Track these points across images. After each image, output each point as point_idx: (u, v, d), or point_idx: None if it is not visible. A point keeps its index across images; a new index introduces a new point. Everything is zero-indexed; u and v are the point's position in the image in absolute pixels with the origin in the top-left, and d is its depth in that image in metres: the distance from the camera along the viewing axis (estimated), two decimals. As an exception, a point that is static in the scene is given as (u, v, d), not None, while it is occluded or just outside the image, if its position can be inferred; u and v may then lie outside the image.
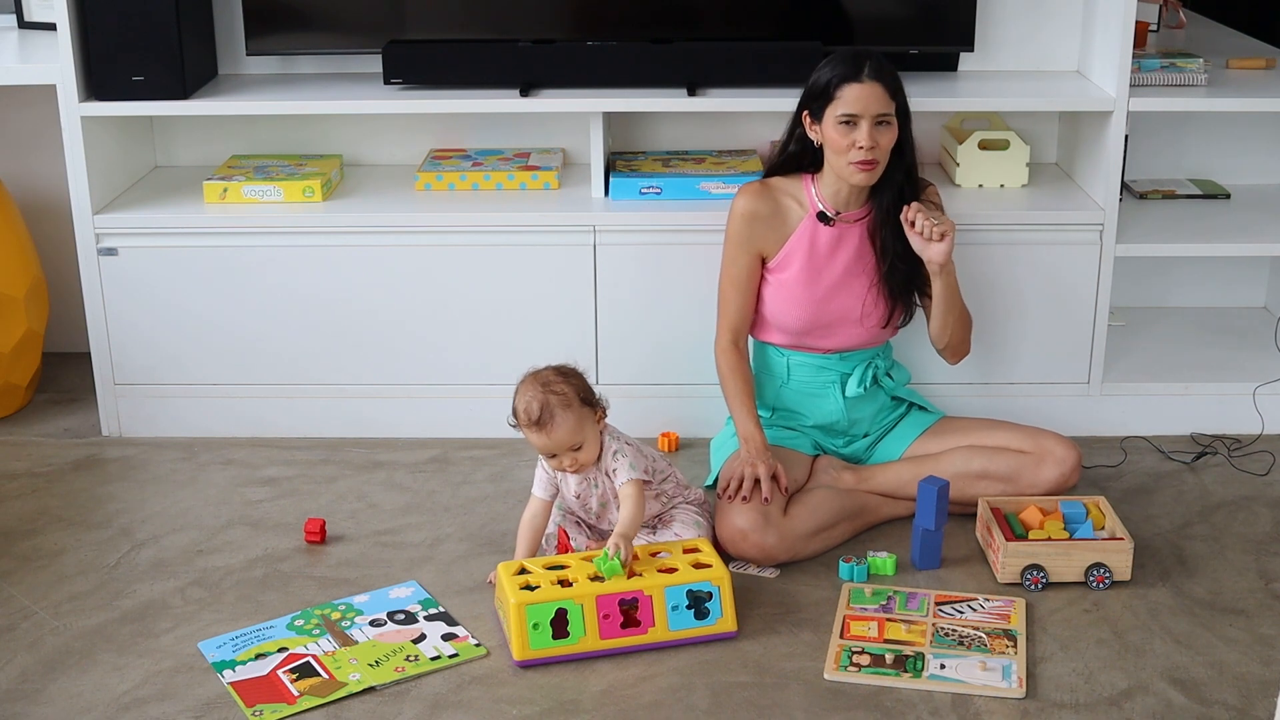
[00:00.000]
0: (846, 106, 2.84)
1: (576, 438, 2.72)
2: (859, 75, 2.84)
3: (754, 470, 2.84)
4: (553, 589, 2.55)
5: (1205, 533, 2.99)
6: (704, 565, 2.63)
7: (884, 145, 2.86)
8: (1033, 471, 2.95)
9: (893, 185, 2.94)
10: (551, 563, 2.64)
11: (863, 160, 2.85)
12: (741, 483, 2.83)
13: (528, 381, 2.76)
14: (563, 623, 2.53)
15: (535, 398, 2.71)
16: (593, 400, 2.77)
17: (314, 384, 3.41)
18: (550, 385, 2.73)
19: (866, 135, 2.84)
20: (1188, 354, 3.54)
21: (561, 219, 3.31)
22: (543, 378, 2.75)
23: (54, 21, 3.22)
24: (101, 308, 3.37)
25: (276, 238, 3.32)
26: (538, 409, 2.70)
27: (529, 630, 2.51)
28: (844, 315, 3.01)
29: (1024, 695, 2.44)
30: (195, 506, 3.12)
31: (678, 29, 3.43)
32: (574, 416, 2.71)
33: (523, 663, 2.53)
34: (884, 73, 2.85)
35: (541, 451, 2.76)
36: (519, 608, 2.51)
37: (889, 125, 2.86)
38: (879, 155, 2.86)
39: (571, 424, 2.71)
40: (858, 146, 2.84)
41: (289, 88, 3.45)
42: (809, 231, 2.99)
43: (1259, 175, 3.79)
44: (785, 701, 2.43)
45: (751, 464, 2.85)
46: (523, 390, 2.75)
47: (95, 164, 3.33)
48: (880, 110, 2.84)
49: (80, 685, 2.49)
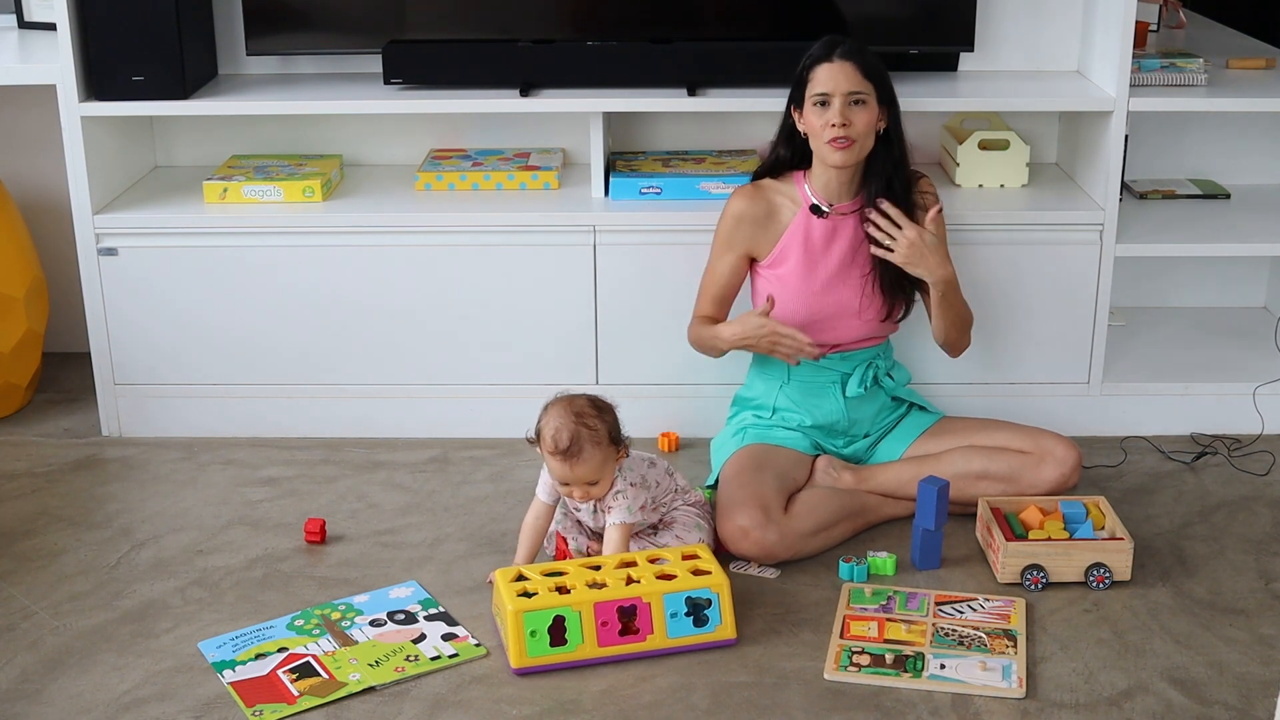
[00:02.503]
0: (819, 86, 2.88)
1: (597, 475, 2.67)
2: (829, 56, 2.89)
3: (770, 334, 2.90)
4: (550, 596, 2.51)
5: (1205, 533, 2.99)
6: (703, 572, 2.60)
7: (859, 124, 2.88)
8: (1033, 472, 2.95)
9: (880, 175, 2.96)
10: (550, 569, 2.61)
11: (836, 138, 2.87)
12: (775, 342, 2.90)
13: (561, 407, 2.68)
14: (560, 630, 2.50)
15: (566, 428, 2.64)
16: (619, 440, 2.72)
17: (314, 384, 3.41)
18: (584, 418, 2.66)
19: (838, 113, 2.86)
20: (1188, 354, 3.54)
21: (561, 219, 3.31)
22: (577, 407, 2.68)
23: (54, 21, 3.22)
24: (101, 308, 3.37)
25: (276, 238, 3.32)
26: (567, 440, 2.63)
27: (526, 638, 2.48)
28: (842, 308, 3.01)
29: (1024, 695, 2.44)
30: (195, 506, 3.12)
31: (678, 29, 3.43)
32: (600, 455, 2.66)
33: (521, 670, 2.50)
34: (856, 54, 2.89)
35: (557, 478, 2.70)
36: (516, 615, 2.48)
37: (864, 105, 2.88)
38: (854, 134, 2.88)
39: (597, 461, 2.66)
40: (830, 125, 2.87)
41: (289, 88, 3.45)
42: (803, 225, 3.00)
43: (1259, 175, 3.79)
44: (785, 701, 2.43)
45: (759, 326, 2.91)
46: (554, 415, 2.68)
47: (95, 164, 3.33)
48: (851, 88, 2.86)
49: (80, 685, 2.49)
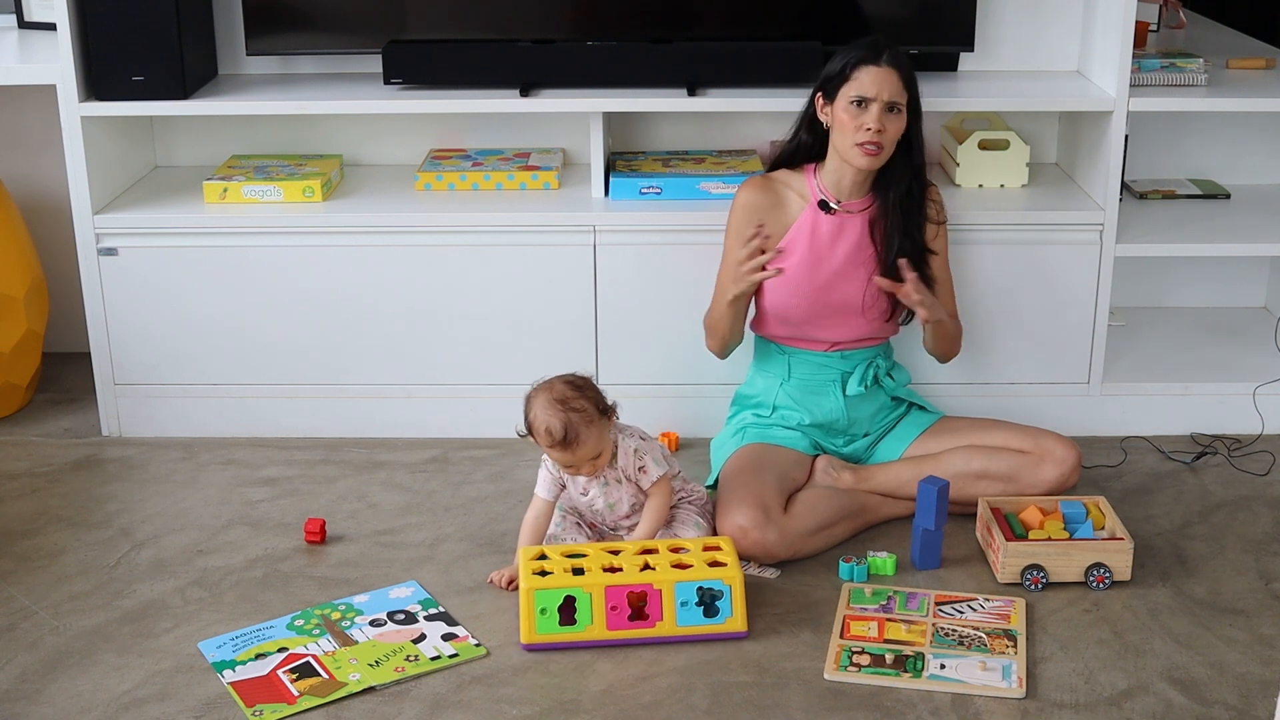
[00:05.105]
0: (860, 88, 2.87)
1: (598, 449, 2.71)
2: (877, 59, 2.87)
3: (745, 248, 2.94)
4: (564, 576, 2.58)
5: (1205, 533, 2.99)
6: (719, 564, 2.63)
7: (891, 133, 2.89)
8: (1033, 471, 2.95)
9: (897, 182, 2.96)
10: (571, 550, 2.67)
11: (868, 142, 2.87)
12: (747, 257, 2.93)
13: (541, 399, 2.70)
14: (571, 610, 2.55)
15: (556, 418, 2.67)
16: (606, 407, 2.75)
17: (314, 384, 3.41)
18: (569, 403, 2.68)
19: (876, 118, 2.86)
20: (1188, 354, 3.54)
21: (561, 219, 3.31)
22: (558, 393, 2.70)
23: (54, 21, 3.22)
24: (101, 308, 3.37)
25: (276, 238, 3.32)
26: (561, 430, 2.66)
27: (536, 615, 2.55)
28: (846, 306, 3.01)
29: (1024, 695, 2.44)
30: (195, 506, 3.12)
31: (678, 29, 3.43)
32: (595, 431, 2.70)
33: (529, 646, 2.55)
34: (901, 62, 2.89)
35: (562, 465, 2.74)
36: (529, 593, 2.55)
37: (899, 114, 2.89)
38: (885, 140, 2.88)
39: (595, 438, 2.70)
40: (865, 128, 2.86)
41: (289, 88, 3.45)
42: (810, 220, 3.00)
43: (1259, 175, 3.79)
44: (785, 701, 2.43)
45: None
46: (538, 408, 2.70)
47: (95, 164, 3.33)
48: (892, 96, 2.86)
49: (80, 685, 2.49)
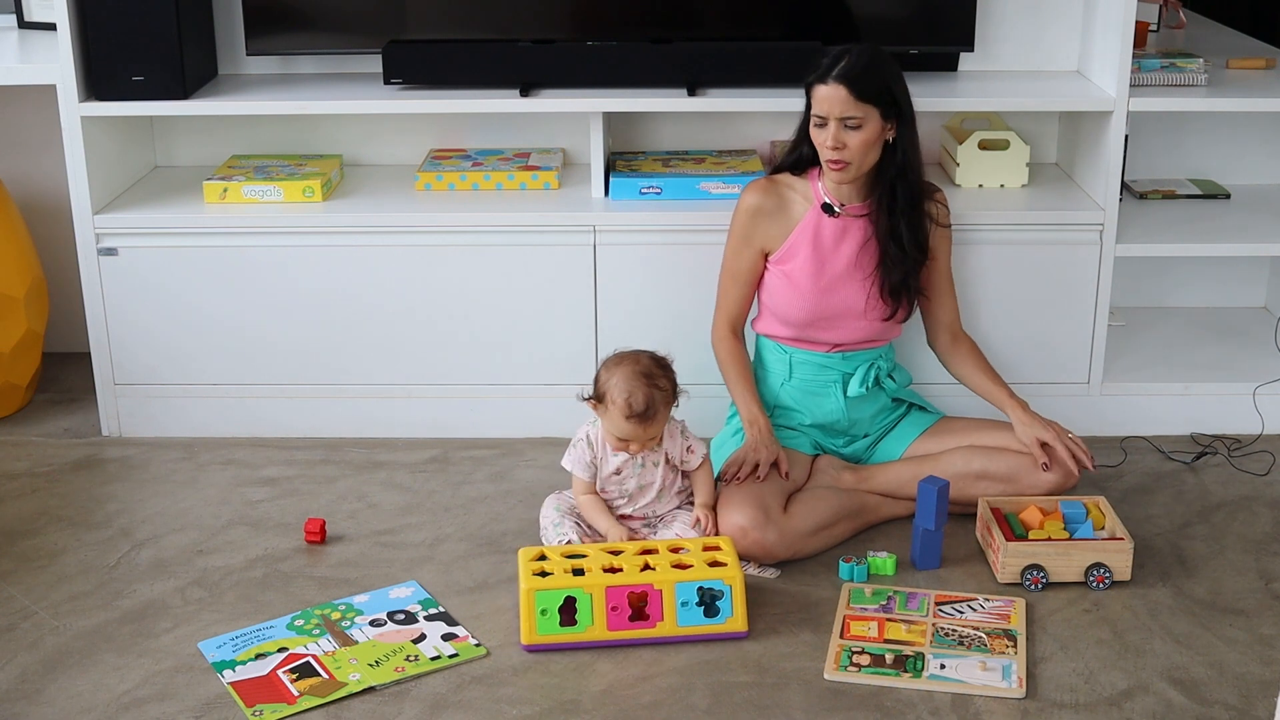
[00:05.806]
0: (815, 107, 2.88)
1: (662, 429, 2.78)
2: (824, 78, 2.85)
3: (756, 455, 2.87)
4: (564, 577, 2.58)
5: (1205, 533, 2.99)
6: (719, 564, 2.63)
7: (852, 146, 2.86)
8: (1032, 472, 2.95)
9: (886, 186, 2.95)
10: (571, 551, 2.67)
11: (830, 160, 2.88)
12: (742, 467, 2.86)
13: (627, 369, 2.75)
14: (571, 611, 2.56)
15: (641, 390, 2.71)
16: (678, 392, 2.81)
17: (314, 384, 3.41)
18: (655, 380, 2.74)
19: (832, 136, 2.86)
20: (1188, 354, 3.54)
21: (561, 219, 3.31)
22: (644, 367, 2.75)
23: (54, 21, 3.22)
24: (101, 308, 3.37)
25: (276, 238, 3.32)
26: (643, 404, 2.71)
27: (537, 616, 2.55)
28: (848, 308, 3.01)
29: (1024, 695, 2.44)
30: (195, 506, 3.12)
31: (678, 29, 3.43)
32: (666, 412, 2.76)
33: (530, 647, 2.56)
34: (853, 76, 2.82)
35: (624, 437, 2.76)
36: (529, 593, 2.55)
37: (857, 129, 2.85)
38: (848, 156, 2.87)
39: (664, 418, 2.76)
40: (825, 146, 2.87)
41: (289, 88, 3.45)
42: (814, 223, 3.00)
43: (1259, 175, 3.79)
44: (785, 701, 2.43)
45: (755, 449, 2.88)
46: (623, 378, 2.74)
47: (95, 164, 3.33)
48: (845, 112, 2.83)
49: (80, 685, 2.49)
